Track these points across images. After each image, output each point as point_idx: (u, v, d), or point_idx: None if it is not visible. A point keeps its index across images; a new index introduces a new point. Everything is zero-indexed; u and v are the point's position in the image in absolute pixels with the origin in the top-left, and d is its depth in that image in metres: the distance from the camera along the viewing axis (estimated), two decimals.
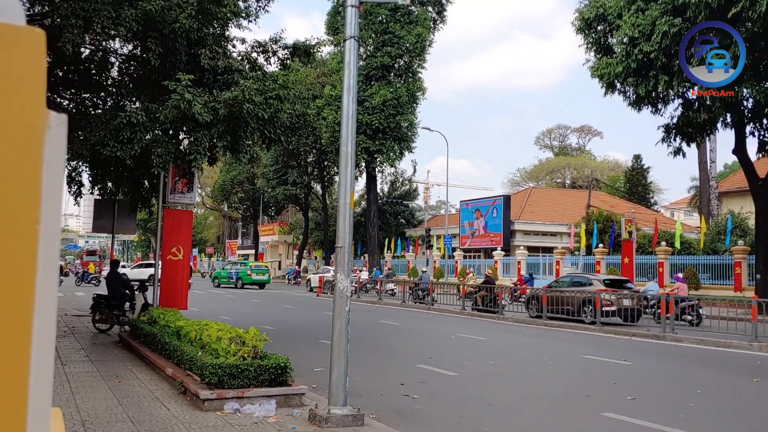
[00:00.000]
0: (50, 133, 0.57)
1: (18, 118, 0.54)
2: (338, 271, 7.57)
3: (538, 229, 49.59)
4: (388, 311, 25.63)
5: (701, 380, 11.22)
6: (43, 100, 0.56)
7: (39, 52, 0.55)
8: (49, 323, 0.59)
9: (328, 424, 6.99)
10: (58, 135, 0.58)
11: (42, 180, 0.56)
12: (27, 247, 0.54)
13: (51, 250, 0.56)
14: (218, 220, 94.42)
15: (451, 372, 11.30)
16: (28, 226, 0.54)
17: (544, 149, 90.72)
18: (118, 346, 13.31)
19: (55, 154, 0.58)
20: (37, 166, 0.56)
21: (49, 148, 0.57)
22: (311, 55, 15.16)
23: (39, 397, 0.62)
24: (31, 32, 0.55)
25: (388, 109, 42.32)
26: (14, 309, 0.54)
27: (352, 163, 7.76)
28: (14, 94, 0.54)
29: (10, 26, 0.54)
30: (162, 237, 14.93)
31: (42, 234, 0.55)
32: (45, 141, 0.57)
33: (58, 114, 0.59)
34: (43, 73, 0.56)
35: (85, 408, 7.60)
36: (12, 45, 0.53)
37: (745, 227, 33.38)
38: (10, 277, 0.54)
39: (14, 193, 0.54)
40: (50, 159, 0.57)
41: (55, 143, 0.58)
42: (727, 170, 58.09)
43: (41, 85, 0.56)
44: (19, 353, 0.56)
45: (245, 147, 13.50)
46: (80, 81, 14.74)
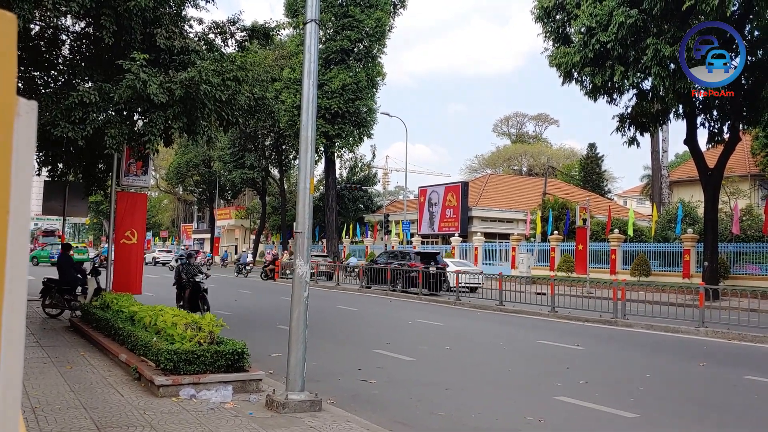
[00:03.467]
0: (20, 120, 0.55)
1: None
2: (297, 257, 7.53)
3: (495, 216, 50.14)
4: (345, 296, 25.66)
5: (651, 364, 11.55)
6: (14, 86, 0.54)
7: (10, 37, 0.52)
8: (18, 309, 0.57)
9: (286, 410, 6.98)
10: (27, 122, 0.56)
11: (11, 167, 0.54)
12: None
13: (21, 240, 0.54)
14: (173, 203, 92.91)
15: (409, 357, 11.39)
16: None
17: (502, 136, 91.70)
18: (69, 332, 13.03)
19: (24, 141, 0.56)
20: (7, 153, 0.54)
21: (18, 135, 0.55)
22: (270, 37, 14.98)
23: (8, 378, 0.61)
24: (2, 17, 0.52)
25: (348, 93, 42.09)
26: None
27: (312, 148, 7.70)
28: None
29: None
30: (115, 220, 14.64)
31: (12, 224, 0.53)
32: (14, 128, 0.54)
33: (28, 101, 0.56)
34: (14, 59, 0.54)
35: (36, 395, 7.43)
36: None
37: (694, 216, 34.33)
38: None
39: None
40: (20, 146, 0.55)
41: (24, 130, 0.55)
42: (678, 160, 59.51)
43: (11, 72, 0.53)
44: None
45: (202, 129, 13.28)
46: (29, 58, 14.27)
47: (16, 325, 0.58)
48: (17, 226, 0.53)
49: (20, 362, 0.62)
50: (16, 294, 0.53)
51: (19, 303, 0.56)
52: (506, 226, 49.08)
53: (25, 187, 0.56)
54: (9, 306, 0.53)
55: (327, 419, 6.80)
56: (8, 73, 0.53)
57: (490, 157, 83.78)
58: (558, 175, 67.91)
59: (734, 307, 16.81)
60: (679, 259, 30.55)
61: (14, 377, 0.59)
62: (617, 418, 7.57)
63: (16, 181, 0.55)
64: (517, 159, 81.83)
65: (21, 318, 0.59)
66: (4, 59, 0.52)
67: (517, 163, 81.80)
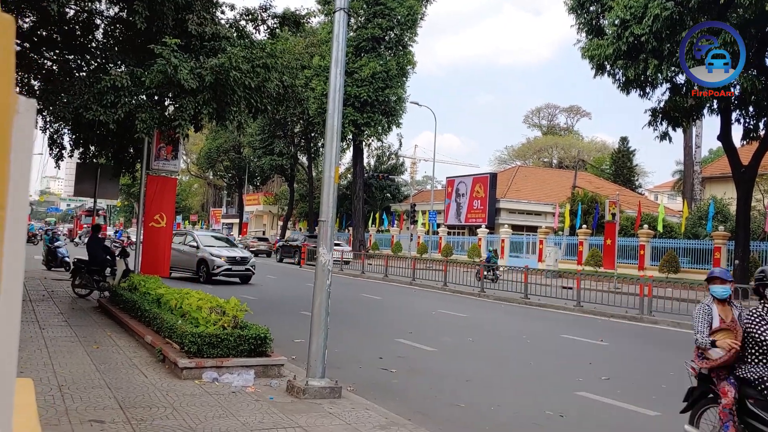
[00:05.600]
0: (18, 118, 0.56)
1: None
2: (320, 245, 7.58)
3: (523, 208, 49.81)
4: (370, 285, 25.75)
5: (675, 362, 11.40)
6: (12, 85, 0.55)
7: (7, 38, 0.54)
8: (13, 306, 0.59)
9: (306, 396, 7.05)
10: (26, 120, 0.58)
11: (9, 165, 0.56)
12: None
13: (18, 237, 0.56)
14: (203, 187, 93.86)
15: (430, 347, 11.40)
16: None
17: (533, 128, 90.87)
18: (97, 312, 13.28)
19: (23, 139, 0.57)
20: (5, 151, 0.55)
21: (17, 133, 0.56)
22: (301, 25, 14.99)
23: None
24: (0, 18, 0.54)
25: (377, 82, 42.02)
26: None
27: (338, 137, 7.72)
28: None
29: None
30: (145, 204, 14.83)
31: (9, 220, 0.55)
32: (13, 126, 0.56)
33: (27, 99, 0.58)
34: (12, 58, 0.55)
35: (62, 373, 7.60)
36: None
37: (726, 213, 33.72)
38: None
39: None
40: (18, 144, 0.56)
41: (23, 128, 0.57)
42: (711, 156, 58.46)
43: (10, 71, 0.55)
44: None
45: (231, 115, 13.38)
46: (64, 42, 14.49)
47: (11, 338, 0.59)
48: (14, 223, 0.54)
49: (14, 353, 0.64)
50: (12, 294, 0.54)
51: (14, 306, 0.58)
52: (534, 219, 48.72)
53: (23, 184, 0.58)
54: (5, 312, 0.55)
55: (346, 406, 6.85)
56: (6, 72, 0.54)
57: (520, 148, 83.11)
58: (588, 168, 67.19)
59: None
60: (709, 257, 30.06)
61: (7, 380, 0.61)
62: (638, 415, 7.51)
63: (14, 177, 0.57)
64: (547, 151, 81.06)
65: (15, 331, 0.61)
66: (2, 59, 0.53)
67: (548, 155, 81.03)
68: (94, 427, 5.70)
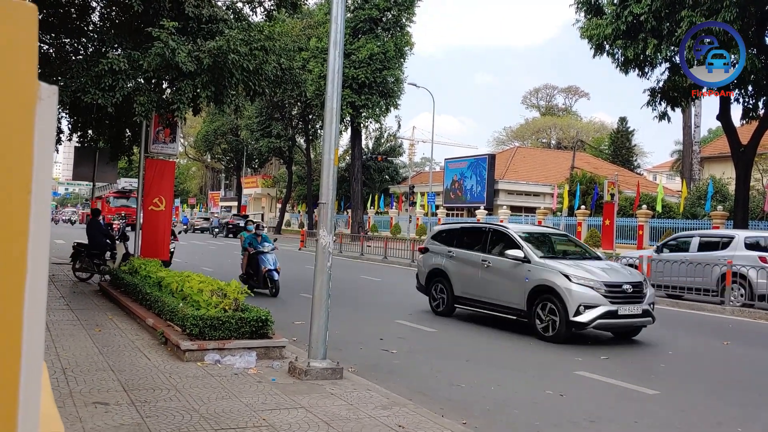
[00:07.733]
0: (41, 105, 0.58)
1: (10, 90, 0.55)
2: (321, 227, 7.60)
3: (522, 189, 49.84)
4: (369, 267, 25.81)
5: (674, 342, 11.49)
6: (35, 72, 0.57)
7: (31, 25, 0.55)
8: (39, 291, 0.61)
9: (307, 377, 7.10)
10: (49, 106, 0.59)
11: (34, 151, 0.57)
12: (18, 219, 0.55)
13: (43, 223, 0.57)
14: (201, 170, 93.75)
15: (430, 328, 11.47)
16: (21, 197, 0.55)
17: (531, 108, 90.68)
18: (98, 295, 13.33)
19: (46, 125, 0.58)
20: (29, 137, 0.57)
21: (40, 120, 0.58)
22: (298, 6, 14.91)
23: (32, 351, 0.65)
24: (23, 6, 0.55)
25: (375, 63, 41.84)
26: (5, 279, 0.55)
27: (338, 119, 7.71)
28: (6, 67, 0.54)
29: (3, 1, 0.54)
30: (144, 187, 14.84)
31: (34, 204, 0.56)
32: (36, 112, 0.57)
33: (49, 86, 0.59)
34: (35, 46, 0.56)
35: (66, 356, 7.65)
36: (4, 19, 0.53)
37: (725, 193, 33.76)
38: (2, 251, 0.55)
39: (6, 165, 0.55)
40: (41, 130, 0.58)
41: (46, 114, 0.58)
42: (710, 135, 58.38)
43: (33, 58, 0.56)
44: (11, 329, 0.58)
45: (229, 98, 13.35)
46: (60, 25, 14.41)
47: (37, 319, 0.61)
48: (39, 205, 0.56)
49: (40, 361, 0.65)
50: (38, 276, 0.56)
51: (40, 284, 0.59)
52: (533, 200, 48.78)
53: (46, 169, 0.59)
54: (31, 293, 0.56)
55: (347, 387, 6.91)
56: (30, 59, 0.55)
57: (518, 129, 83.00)
58: (587, 148, 67.12)
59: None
60: None
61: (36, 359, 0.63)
62: (637, 393, 7.59)
63: (38, 162, 0.58)
64: (545, 132, 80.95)
65: (41, 310, 0.62)
66: (26, 47, 0.55)
67: (546, 136, 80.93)
68: (98, 409, 5.75)
